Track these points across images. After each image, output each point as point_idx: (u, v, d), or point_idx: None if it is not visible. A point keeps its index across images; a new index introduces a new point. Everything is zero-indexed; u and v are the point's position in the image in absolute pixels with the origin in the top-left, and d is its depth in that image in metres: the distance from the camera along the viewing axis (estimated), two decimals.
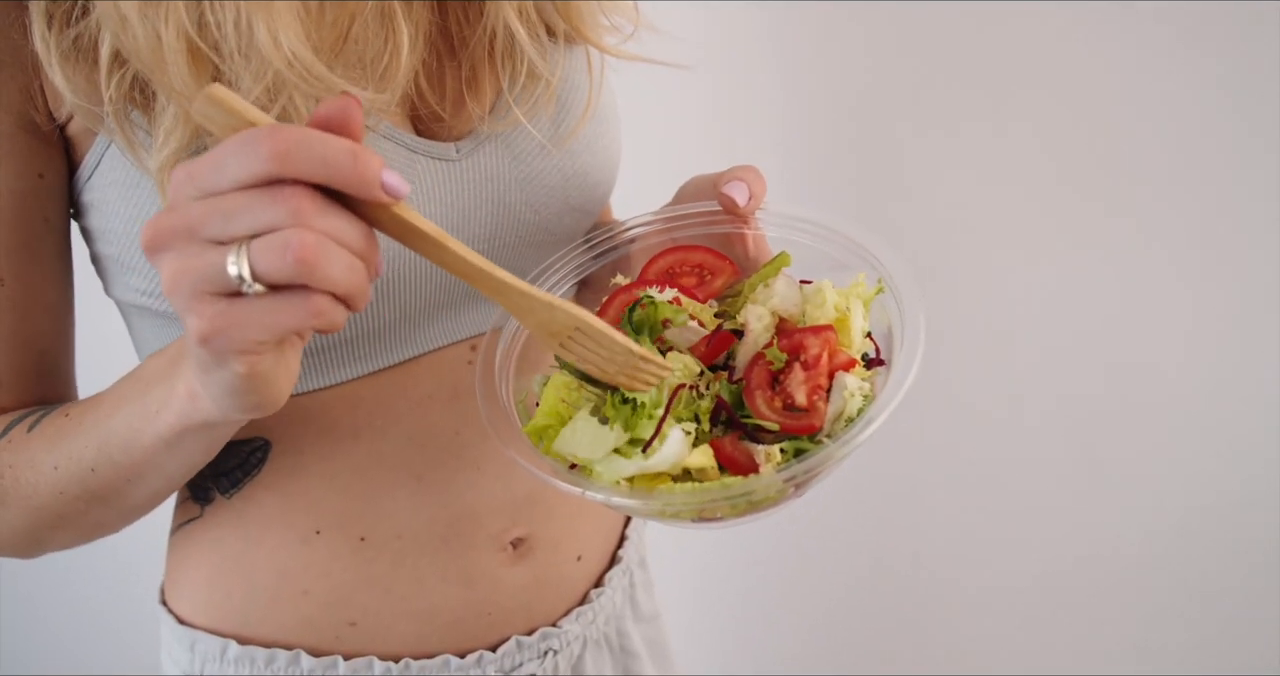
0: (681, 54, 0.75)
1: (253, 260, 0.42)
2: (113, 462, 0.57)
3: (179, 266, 0.43)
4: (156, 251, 0.44)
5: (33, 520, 0.61)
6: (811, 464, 0.52)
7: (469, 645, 0.72)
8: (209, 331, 0.44)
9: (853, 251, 0.62)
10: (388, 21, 0.59)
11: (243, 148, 0.41)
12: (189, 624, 0.72)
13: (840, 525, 1.54)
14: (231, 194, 0.42)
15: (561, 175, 0.71)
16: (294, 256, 0.41)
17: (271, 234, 0.42)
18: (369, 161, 0.43)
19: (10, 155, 0.59)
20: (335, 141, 0.42)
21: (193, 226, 0.43)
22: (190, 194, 0.43)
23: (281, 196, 0.41)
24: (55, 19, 0.56)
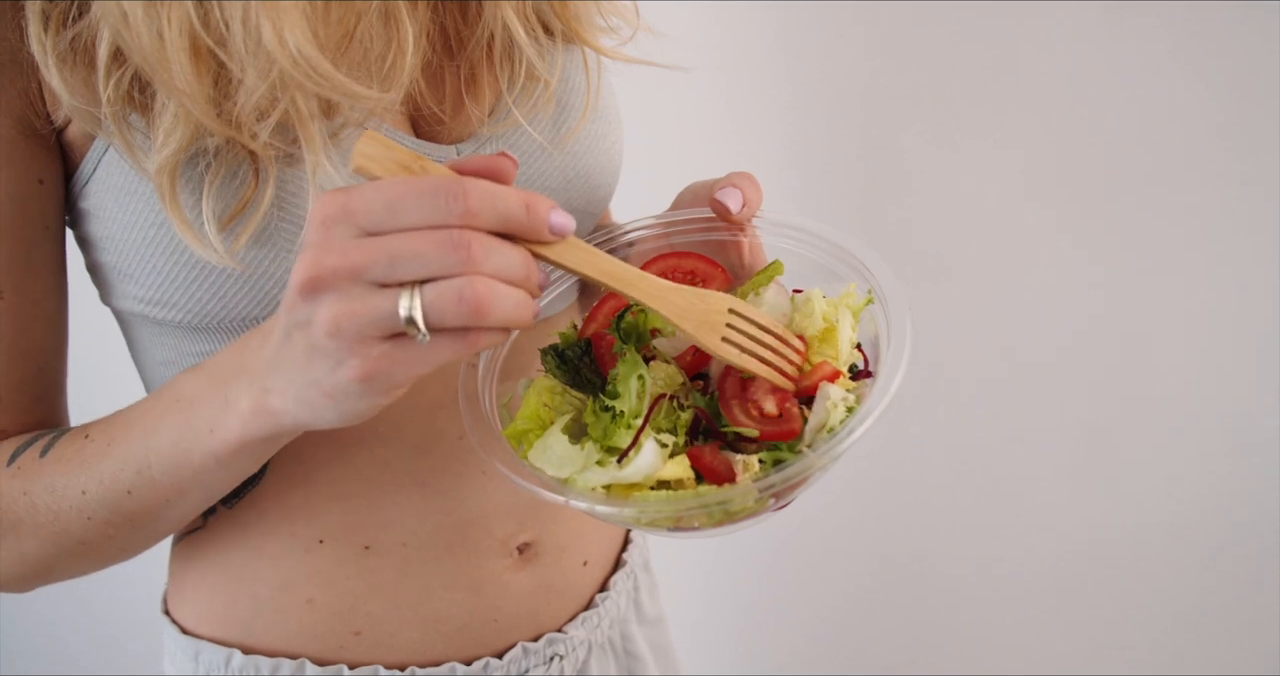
0: (682, 56, 0.75)
1: (426, 308, 0.43)
2: (153, 484, 0.57)
3: (344, 309, 0.44)
4: (315, 291, 0.44)
5: (51, 547, 0.60)
6: (788, 474, 0.52)
7: (475, 652, 0.72)
8: (372, 372, 0.45)
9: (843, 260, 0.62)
10: (391, 21, 0.59)
11: (433, 198, 0.43)
12: (192, 633, 0.72)
13: (842, 527, 1.54)
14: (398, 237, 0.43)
15: (563, 177, 0.71)
16: (469, 307, 0.43)
17: (443, 281, 0.43)
18: (539, 210, 0.45)
19: (10, 161, 0.59)
20: (513, 196, 0.44)
21: (359, 268, 0.43)
22: (348, 232, 0.43)
23: (455, 243, 0.43)
24: (52, 20, 0.55)
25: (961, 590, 1.56)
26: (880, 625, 1.61)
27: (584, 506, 0.53)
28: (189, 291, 0.61)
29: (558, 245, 0.48)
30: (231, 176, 0.58)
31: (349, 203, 0.43)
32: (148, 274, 0.61)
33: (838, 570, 1.59)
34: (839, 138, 1.36)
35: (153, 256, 0.60)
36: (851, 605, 1.61)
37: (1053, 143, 1.31)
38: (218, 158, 0.57)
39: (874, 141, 1.36)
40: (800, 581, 1.60)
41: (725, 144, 1.38)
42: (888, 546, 1.56)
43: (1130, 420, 1.41)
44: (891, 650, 1.62)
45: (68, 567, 0.63)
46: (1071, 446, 1.44)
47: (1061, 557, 1.50)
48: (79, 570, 0.64)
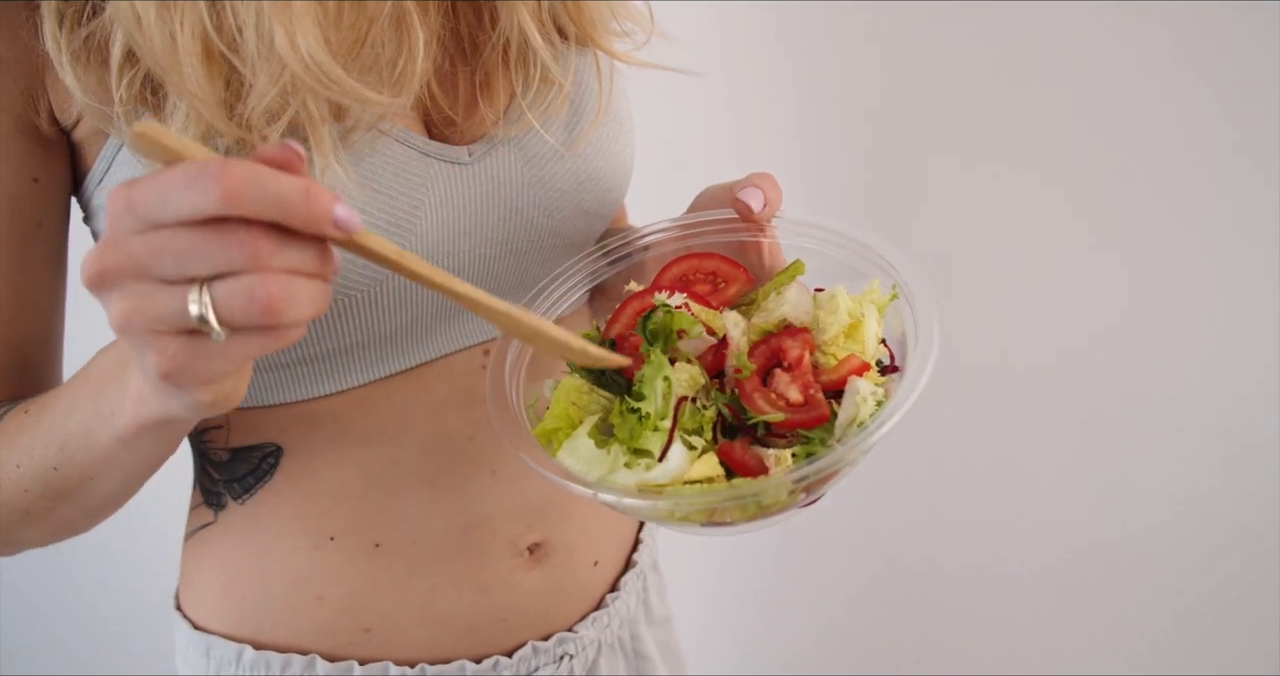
0: (693, 59, 0.75)
1: (218, 307, 0.41)
2: (72, 462, 0.57)
3: (130, 306, 0.42)
4: (102, 288, 0.42)
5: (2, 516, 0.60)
6: (821, 465, 0.52)
7: (485, 650, 0.72)
8: (170, 368, 0.43)
9: (867, 258, 0.62)
10: (403, 26, 0.59)
11: (191, 183, 0.40)
12: (204, 629, 0.72)
13: (848, 527, 1.54)
14: (181, 232, 0.40)
15: (574, 179, 0.71)
16: (260, 307, 0.40)
17: (233, 279, 0.40)
18: (320, 198, 0.41)
19: (5, 158, 0.59)
20: (287, 179, 0.41)
21: (141, 265, 0.41)
22: (131, 226, 0.41)
23: (238, 240, 0.40)
24: (67, 18, 0.56)
25: (968, 590, 1.56)
26: (886, 625, 1.61)
27: (612, 500, 0.53)
28: None
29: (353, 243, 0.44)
30: None
31: (131, 194, 0.41)
32: None
33: (844, 570, 1.59)
34: (847, 139, 1.37)
35: None
36: (857, 605, 1.61)
37: (1060, 143, 1.32)
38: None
39: (882, 143, 1.36)
40: (806, 582, 1.60)
41: (733, 147, 1.38)
42: (893, 546, 1.56)
43: (1138, 420, 1.41)
44: (897, 650, 1.62)
45: (24, 536, 0.62)
46: (1078, 446, 1.44)
47: (1068, 558, 1.50)
48: (35, 538, 0.63)
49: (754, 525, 0.56)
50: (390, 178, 0.62)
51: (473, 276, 0.68)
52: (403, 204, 0.63)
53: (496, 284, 0.70)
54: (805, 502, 0.56)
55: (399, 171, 0.63)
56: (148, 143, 0.41)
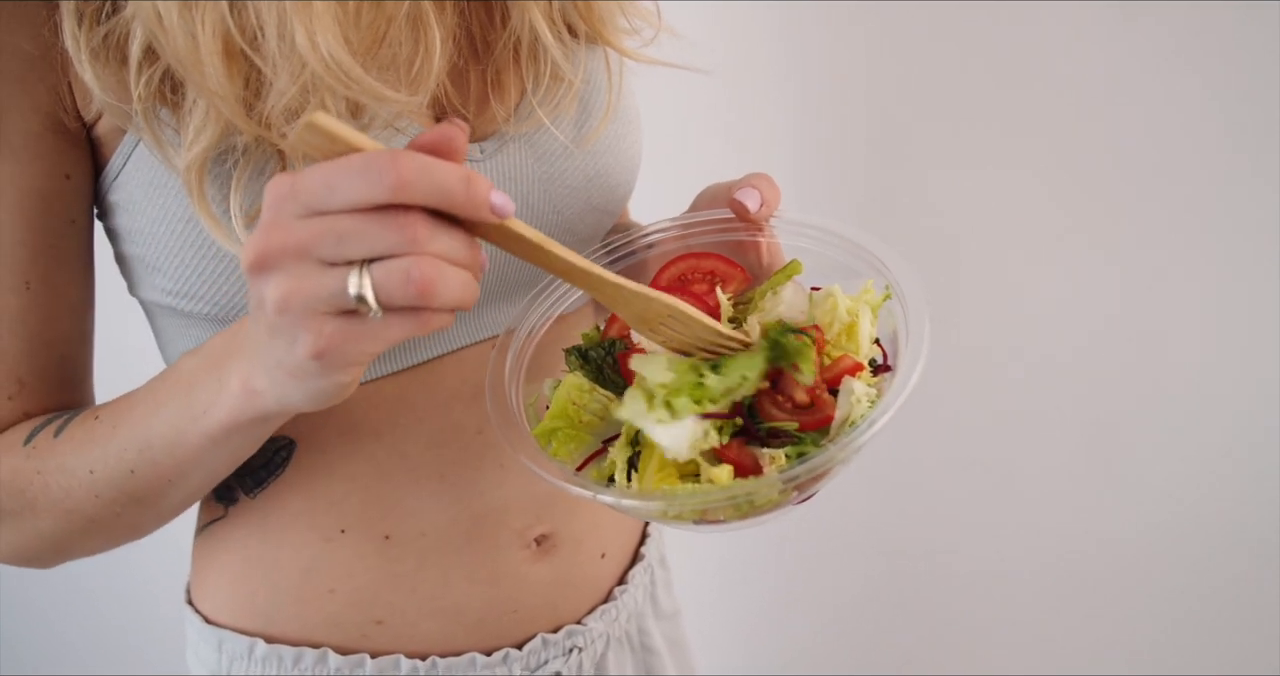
0: (699, 57, 0.75)
1: (376, 286, 0.43)
2: (154, 464, 0.58)
3: (291, 286, 0.44)
4: (263, 270, 0.45)
5: (64, 525, 0.61)
6: (811, 465, 0.52)
7: (495, 643, 0.73)
8: (325, 348, 0.45)
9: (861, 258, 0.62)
10: (420, 25, 0.59)
11: (363, 173, 0.42)
12: (215, 623, 0.72)
13: (853, 524, 1.55)
14: (344, 216, 0.43)
15: (584, 175, 0.71)
16: (416, 288, 0.43)
17: (391, 261, 0.43)
18: (479, 185, 0.44)
19: (38, 156, 0.60)
20: (450, 169, 0.44)
21: (304, 246, 0.44)
22: (293, 211, 0.44)
23: (397, 224, 0.43)
24: (85, 17, 0.56)
25: (971, 588, 1.56)
26: (889, 623, 1.61)
27: (610, 501, 0.54)
28: (215, 284, 0.62)
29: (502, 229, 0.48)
30: (259, 172, 0.59)
31: (295, 183, 0.44)
32: (175, 267, 0.62)
33: (847, 568, 1.59)
34: (851, 138, 1.37)
35: (180, 249, 0.61)
36: (861, 603, 1.61)
37: (1061, 143, 1.32)
38: (246, 155, 0.58)
39: (886, 141, 1.37)
40: (810, 579, 1.61)
41: (737, 145, 1.39)
42: (897, 544, 1.56)
43: (1140, 420, 1.41)
44: (900, 648, 1.62)
45: (82, 545, 0.64)
46: (1080, 446, 1.45)
47: (1070, 557, 1.51)
48: (93, 548, 0.65)
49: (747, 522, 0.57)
50: None
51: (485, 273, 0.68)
52: None
53: (507, 280, 0.70)
54: (798, 500, 0.57)
55: None
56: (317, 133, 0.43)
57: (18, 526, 0.61)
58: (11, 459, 0.60)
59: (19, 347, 0.61)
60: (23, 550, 0.64)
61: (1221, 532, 1.45)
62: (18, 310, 0.61)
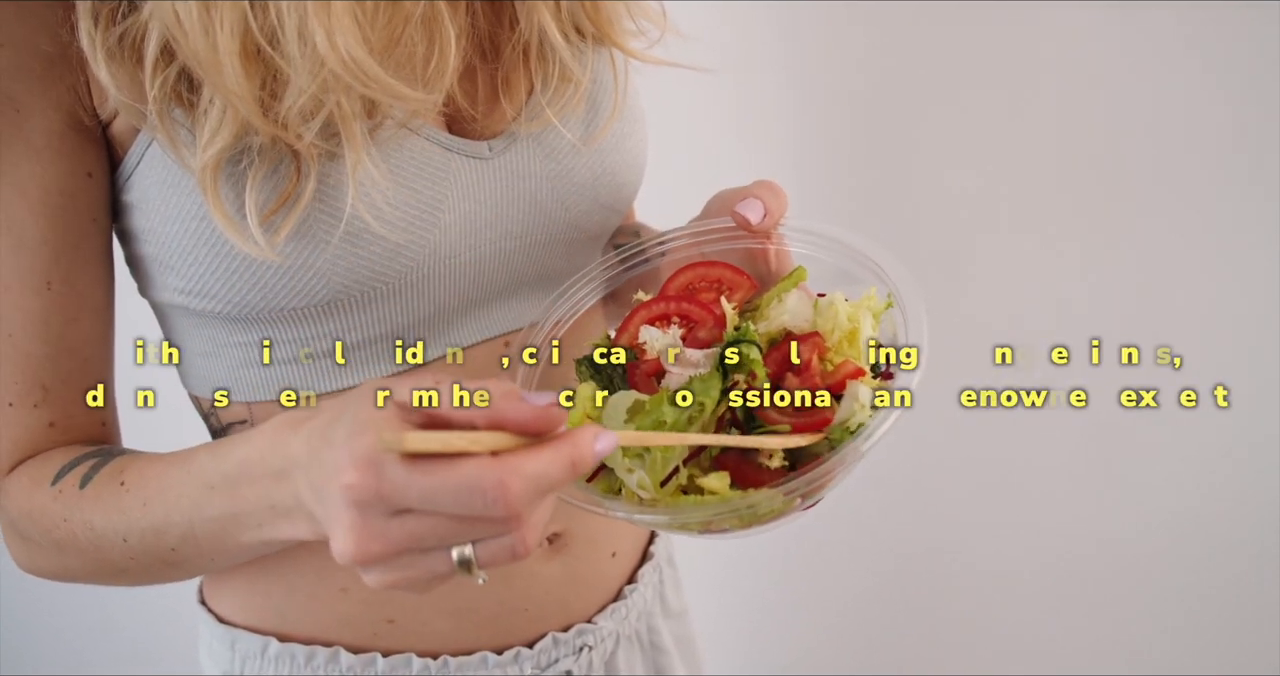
0: (704, 57, 0.76)
1: (481, 562, 0.45)
2: (198, 548, 0.57)
3: (398, 577, 0.45)
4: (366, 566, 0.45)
5: (93, 569, 0.62)
6: (811, 478, 0.53)
7: (506, 641, 0.73)
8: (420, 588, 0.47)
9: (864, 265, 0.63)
10: (434, 24, 0.60)
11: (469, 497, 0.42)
12: (229, 623, 0.73)
13: (860, 523, 1.55)
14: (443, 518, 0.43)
15: (591, 173, 0.72)
16: (521, 555, 0.45)
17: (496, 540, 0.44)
18: (585, 464, 0.44)
19: (60, 154, 0.60)
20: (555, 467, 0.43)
21: (404, 549, 0.44)
22: (384, 512, 0.43)
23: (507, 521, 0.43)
24: (101, 17, 0.56)
25: (976, 589, 1.57)
26: (896, 621, 1.61)
27: (622, 515, 0.55)
28: (229, 283, 0.62)
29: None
30: (273, 171, 0.59)
31: (380, 488, 0.42)
32: (189, 266, 0.62)
33: (854, 567, 1.59)
34: (852, 137, 1.37)
35: (194, 248, 0.61)
36: (868, 601, 1.61)
37: (1066, 145, 1.32)
38: (261, 154, 0.58)
39: (887, 142, 1.37)
40: (818, 577, 1.61)
41: (742, 143, 1.39)
42: (902, 546, 1.56)
43: (1142, 420, 1.41)
44: (906, 647, 1.62)
45: (109, 583, 0.65)
46: (1085, 445, 1.45)
47: (1078, 557, 1.51)
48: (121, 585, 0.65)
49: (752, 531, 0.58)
50: (414, 172, 0.63)
51: (493, 269, 0.69)
52: (426, 198, 0.64)
53: (516, 276, 0.71)
54: (803, 507, 0.57)
55: (423, 166, 0.64)
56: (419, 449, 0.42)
57: (44, 556, 0.62)
58: (40, 496, 0.60)
59: (42, 351, 0.61)
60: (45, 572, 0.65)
61: (1222, 532, 1.44)
62: (40, 311, 0.61)
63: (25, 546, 0.63)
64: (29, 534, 0.61)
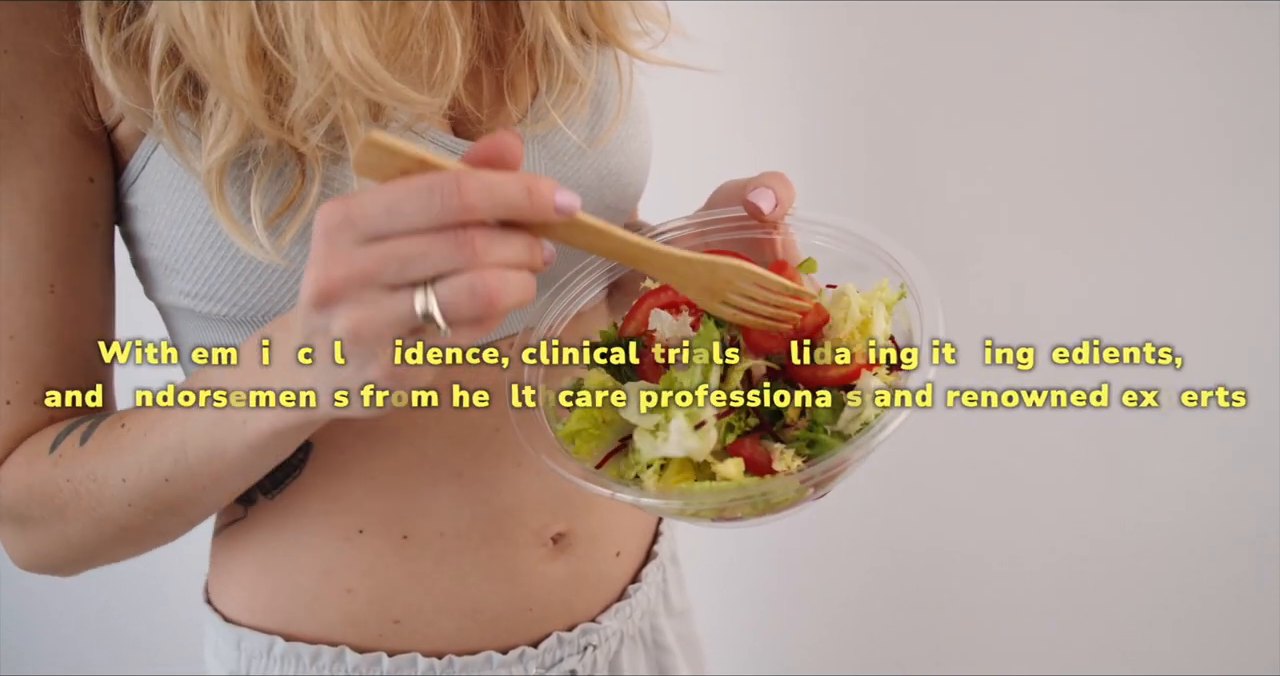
0: (706, 57, 0.76)
1: (443, 306, 0.44)
2: (191, 473, 0.58)
3: (361, 315, 0.45)
4: (329, 304, 0.45)
5: (94, 533, 0.61)
6: (826, 465, 0.53)
7: (511, 641, 0.73)
8: (401, 372, 0.46)
9: (876, 255, 0.63)
10: (440, 27, 0.60)
11: (429, 196, 0.43)
12: (235, 622, 0.73)
13: (863, 522, 1.55)
14: (405, 239, 0.43)
15: (596, 175, 0.72)
16: (482, 300, 0.44)
17: (455, 278, 0.44)
18: (542, 193, 0.45)
19: (62, 159, 0.60)
20: (512, 183, 0.44)
21: (368, 274, 0.44)
22: (351, 239, 0.44)
23: (458, 242, 0.43)
24: (107, 22, 0.57)
25: (978, 587, 1.57)
26: (899, 621, 1.61)
27: (630, 499, 0.54)
28: (234, 285, 0.62)
29: (563, 225, 0.48)
30: (278, 175, 0.59)
31: (349, 211, 0.44)
32: (194, 269, 0.62)
33: (857, 566, 1.59)
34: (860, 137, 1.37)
35: (200, 252, 0.62)
36: (871, 601, 1.61)
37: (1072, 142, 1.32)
38: (265, 158, 0.58)
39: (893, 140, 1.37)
40: (821, 576, 1.61)
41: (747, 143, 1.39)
42: (906, 542, 1.56)
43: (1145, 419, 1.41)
44: (909, 646, 1.62)
45: (109, 552, 0.64)
46: (1088, 444, 1.45)
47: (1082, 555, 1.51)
48: (120, 554, 0.65)
49: (764, 519, 0.58)
50: None
51: None
52: None
53: None
54: (815, 497, 0.57)
55: None
56: (377, 150, 0.43)
57: (45, 534, 0.62)
58: (40, 467, 0.60)
59: (45, 352, 0.62)
60: (47, 558, 0.64)
61: (1223, 533, 1.45)
62: (43, 314, 0.61)
63: (22, 533, 0.63)
64: (29, 512, 0.61)
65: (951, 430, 1.46)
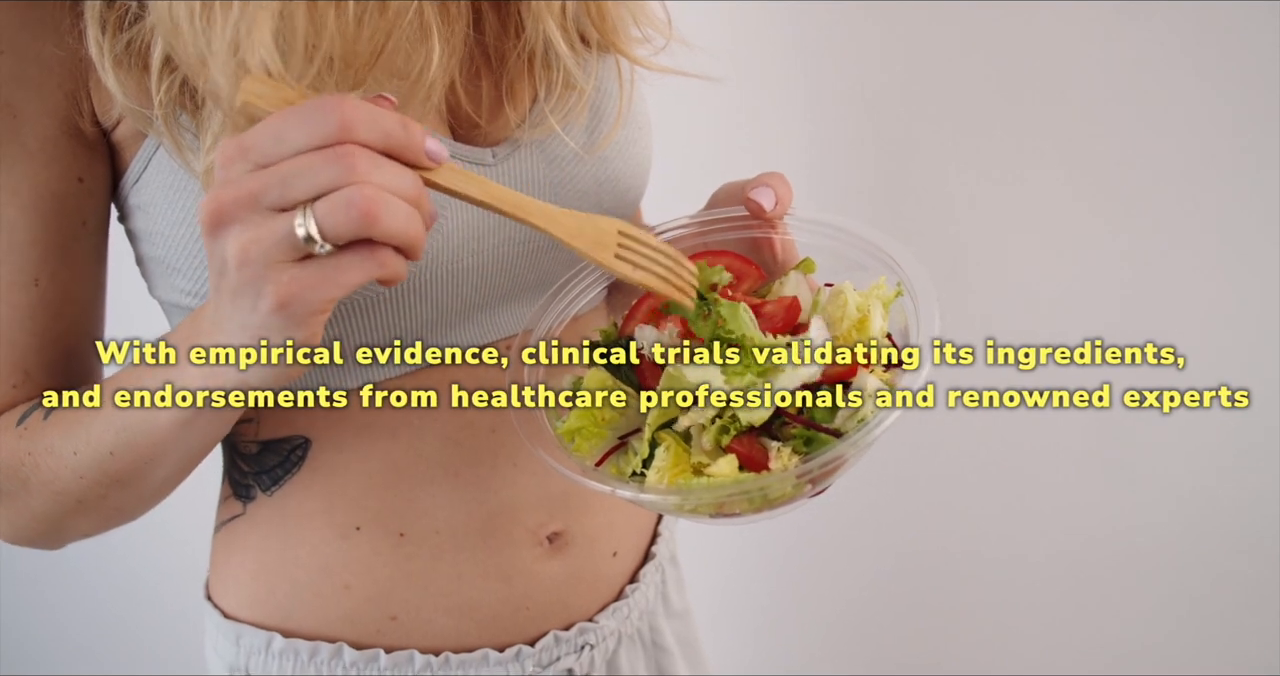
0: (707, 64, 0.76)
1: (319, 220, 0.45)
2: (131, 445, 0.58)
3: (247, 237, 0.45)
4: (220, 225, 0.46)
5: (54, 505, 0.62)
6: (824, 459, 0.53)
7: (507, 639, 0.73)
8: (286, 296, 0.46)
9: (873, 254, 0.63)
10: (423, 37, 0.60)
11: (309, 117, 0.45)
12: (234, 618, 0.73)
13: (863, 522, 1.55)
14: (286, 161, 0.45)
15: (595, 180, 0.72)
16: (358, 211, 0.44)
17: (333, 193, 0.44)
18: (415, 131, 0.47)
19: (53, 159, 0.61)
20: (390, 114, 0.46)
21: (254, 195, 0.45)
22: (244, 168, 0.45)
23: (337, 155, 0.44)
24: (109, 24, 0.57)
25: (978, 587, 1.57)
26: (899, 622, 1.61)
27: (629, 495, 0.55)
28: None
29: (442, 171, 0.49)
30: None
31: (243, 141, 0.46)
32: (193, 268, 0.63)
33: (858, 568, 1.59)
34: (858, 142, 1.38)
35: (198, 251, 0.62)
36: (872, 602, 1.61)
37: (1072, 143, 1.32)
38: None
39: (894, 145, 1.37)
40: (822, 578, 1.61)
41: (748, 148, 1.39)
42: (907, 542, 1.56)
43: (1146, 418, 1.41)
44: (910, 647, 1.62)
45: (75, 525, 0.64)
46: (1090, 445, 1.45)
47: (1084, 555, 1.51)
48: (86, 528, 0.65)
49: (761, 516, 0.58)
50: None
51: (496, 274, 0.69)
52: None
53: (517, 282, 0.71)
54: (811, 494, 0.57)
55: None
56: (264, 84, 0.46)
57: (15, 506, 0.63)
58: (6, 440, 0.61)
59: (26, 342, 0.63)
60: (24, 530, 0.65)
61: (1224, 533, 1.45)
62: (26, 306, 0.62)
63: None
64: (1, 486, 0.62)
65: (953, 430, 1.47)
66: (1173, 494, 1.45)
